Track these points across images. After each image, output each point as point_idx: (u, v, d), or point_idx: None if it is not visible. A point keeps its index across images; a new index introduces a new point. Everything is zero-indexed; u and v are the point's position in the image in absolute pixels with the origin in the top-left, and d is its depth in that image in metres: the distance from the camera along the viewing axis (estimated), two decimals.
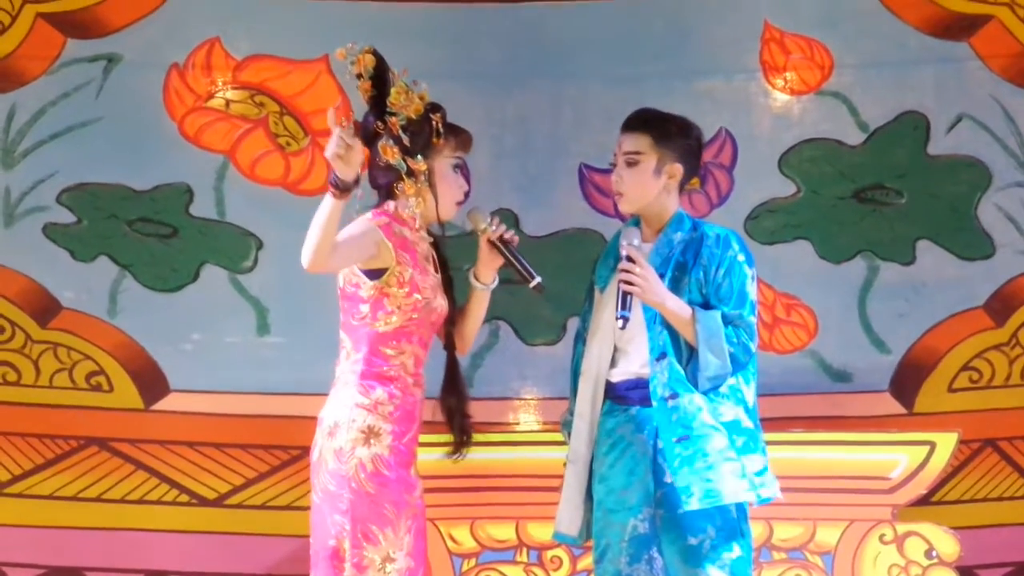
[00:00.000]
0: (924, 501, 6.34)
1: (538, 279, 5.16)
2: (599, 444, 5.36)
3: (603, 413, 5.36)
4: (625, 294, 5.17)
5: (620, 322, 5.18)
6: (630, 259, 5.19)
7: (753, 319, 5.28)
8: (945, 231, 6.85)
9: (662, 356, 5.25)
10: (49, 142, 6.78)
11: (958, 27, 6.86)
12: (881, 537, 6.26)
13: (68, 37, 6.78)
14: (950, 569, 6.27)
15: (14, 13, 6.74)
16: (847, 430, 6.44)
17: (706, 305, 5.27)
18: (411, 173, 5.21)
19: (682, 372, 5.27)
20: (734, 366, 5.23)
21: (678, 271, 5.31)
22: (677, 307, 5.21)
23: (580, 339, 5.46)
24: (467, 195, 5.25)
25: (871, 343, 6.84)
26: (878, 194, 6.86)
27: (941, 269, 6.84)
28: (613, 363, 5.35)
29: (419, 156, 5.20)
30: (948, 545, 6.26)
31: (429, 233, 5.30)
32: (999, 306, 6.84)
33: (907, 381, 6.83)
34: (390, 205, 5.23)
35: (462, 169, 5.27)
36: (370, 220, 5.22)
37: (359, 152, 4.98)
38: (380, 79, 5.19)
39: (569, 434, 5.44)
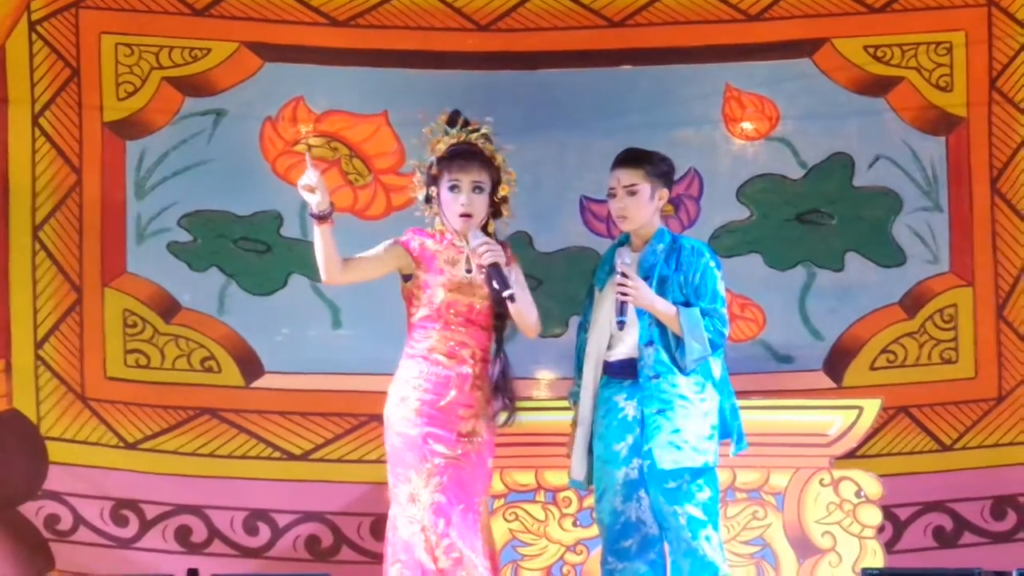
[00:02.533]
0: (853, 453, 6.25)
1: (509, 291, 5.01)
2: (598, 410, 5.30)
3: (601, 386, 5.28)
4: (622, 303, 5.10)
5: (618, 325, 5.12)
6: (624, 275, 5.12)
7: (724, 310, 5.25)
8: (867, 245, 6.73)
9: (649, 343, 5.20)
10: (171, 178, 6.67)
11: (877, 86, 6.77)
12: (821, 481, 6.18)
13: (186, 96, 6.71)
14: (875, 505, 6.18)
15: (144, 77, 6.65)
16: (793, 398, 6.36)
17: (687, 302, 5.20)
18: (428, 199, 5.14)
19: (665, 357, 5.21)
20: (712, 348, 5.18)
21: (663, 274, 5.24)
22: (664, 307, 5.16)
23: (582, 329, 5.39)
24: (467, 214, 5.08)
25: (809, 333, 6.73)
26: (814, 217, 6.77)
27: (864, 275, 6.73)
28: (610, 347, 5.26)
29: (432, 186, 5.13)
30: (873, 487, 6.18)
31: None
32: (910, 303, 6.74)
33: (837, 362, 6.71)
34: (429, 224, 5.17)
35: (461, 189, 5.10)
36: (396, 238, 5.16)
37: (322, 189, 4.91)
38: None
39: (575, 403, 5.37)
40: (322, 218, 4.95)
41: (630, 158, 5.31)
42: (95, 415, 6.55)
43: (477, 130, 5.20)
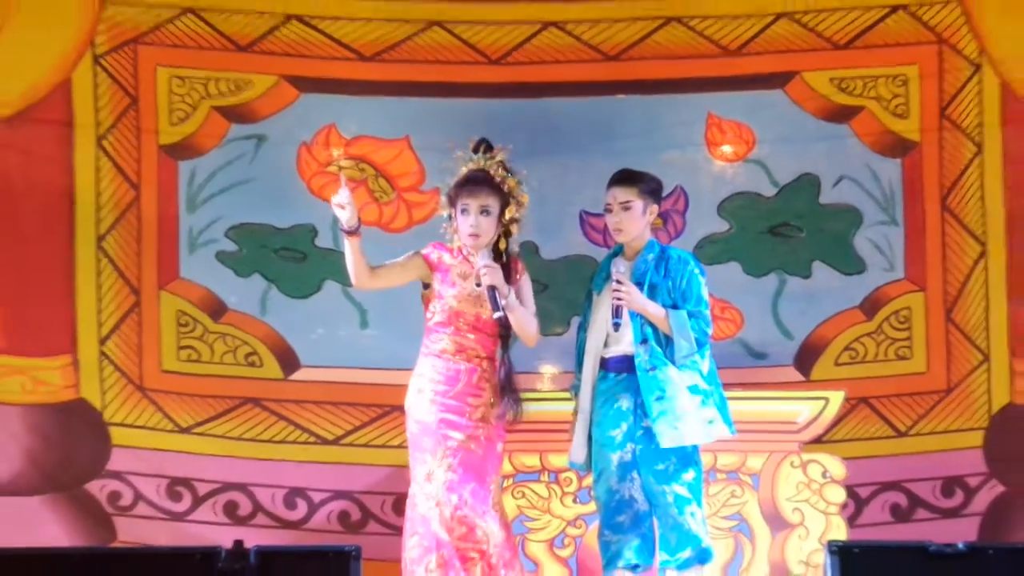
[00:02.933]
0: (820, 439, 6.41)
1: (498, 313, 5.21)
2: (595, 400, 5.46)
3: (599, 380, 5.45)
4: (617, 306, 5.28)
5: (614, 326, 5.31)
6: (619, 282, 5.30)
7: (708, 312, 5.39)
8: (832, 255, 6.78)
9: (644, 341, 5.36)
10: (218, 195, 6.73)
11: (841, 115, 6.79)
12: (791, 463, 6.31)
13: (231, 122, 6.73)
14: (839, 485, 6.32)
15: (194, 106, 6.71)
16: (766, 389, 6.47)
17: (675, 306, 5.36)
18: (449, 218, 5.39)
19: (660, 351, 5.35)
20: (698, 346, 5.35)
21: (653, 281, 5.41)
22: (654, 310, 5.34)
23: (582, 328, 5.57)
24: (475, 234, 5.27)
25: (780, 333, 6.77)
26: (785, 230, 6.80)
27: (829, 281, 6.77)
28: (606, 345, 5.44)
29: (452, 207, 5.35)
30: (837, 469, 6.33)
31: (504, 257, 5.37)
32: (869, 306, 6.77)
33: (805, 358, 6.75)
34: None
35: (470, 212, 5.29)
36: (418, 250, 5.38)
37: (352, 207, 5.13)
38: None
39: (575, 395, 5.54)
40: (351, 232, 5.21)
41: (624, 177, 5.50)
42: (152, 403, 6.63)
43: (494, 157, 5.40)
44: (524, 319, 5.33)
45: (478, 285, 5.30)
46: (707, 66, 6.79)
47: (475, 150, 5.42)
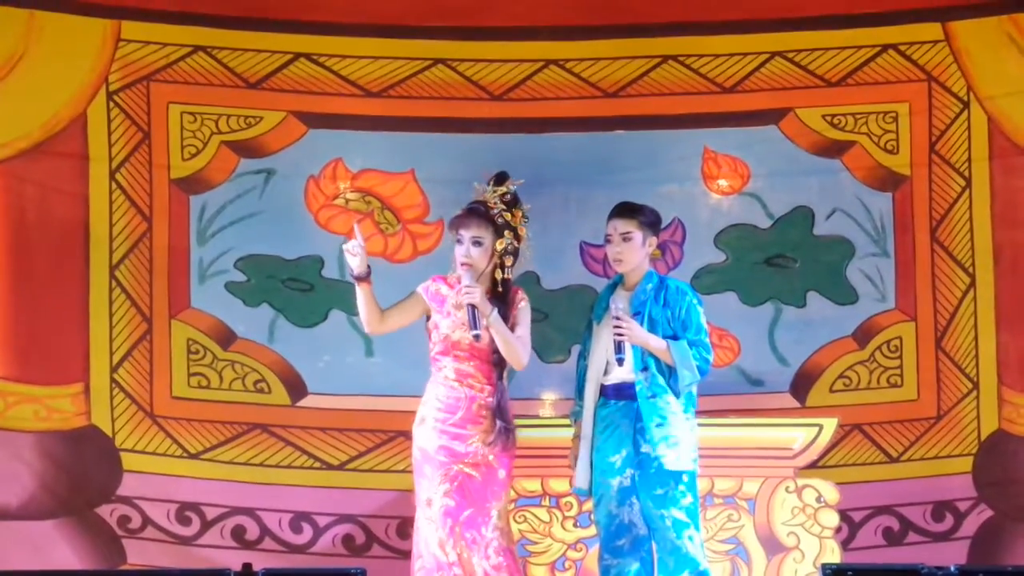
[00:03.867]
0: (815, 464, 6.38)
1: (474, 331, 5.19)
2: (596, 426, 5.45)
3: (599, 407, 5.45)
4: (619, 342, 5.30)
5: (618, 362, 5.33)
6: (619, 318, 5.31)
7: (707, 340, 5.41)
8: (825, 285, 6.78)
9: (644, 368, 5.38)
10: (228, 227, 6.73)
11: (833, 149, 6.81)
12: (786, 488, 6.29)
13: (241, 157, 6.73)
14: (832, 510, 6.30)
15: (205, 141, 6.72)
16: (762, 417, 6.48)
17: (675, 335, 5.38)
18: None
19: (661, 380, 5.37)
20: (700, 374, 5.37)
21: (652, 311, 5.42)
22: (656, 343, 5.36)
23: (582, 357, 5.57)
24: (466, 264, 5.27)
25: (776, 360, 6.77)
26: (781, 261, 6.80)
27: (823, 311, 6.77)
28: (606, 373, 5.45)
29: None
30: (831, 494, 6.31)
31: (503, 286, 5.37)
32: (861, 335, 6.77)
33: (800, 386, 6.76)
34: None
35: (463, 243, 5.31)
36: (418, 287, 5.39)
37: (362, 255, 5.17)
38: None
39: (576, 421, 5.54)
40: (360, 279, 5.23)
41: (625, 210, 5.51)
42: (162, 430, 6.61)
43: (497, 191, 5.40)
44: (508, 339, 5.31)
45: (460, 308, 5.31)
46: (703, 102, 6.80)
47: (490, 181, 5.46)
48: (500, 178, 5.44)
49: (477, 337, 5.23)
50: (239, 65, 6.76)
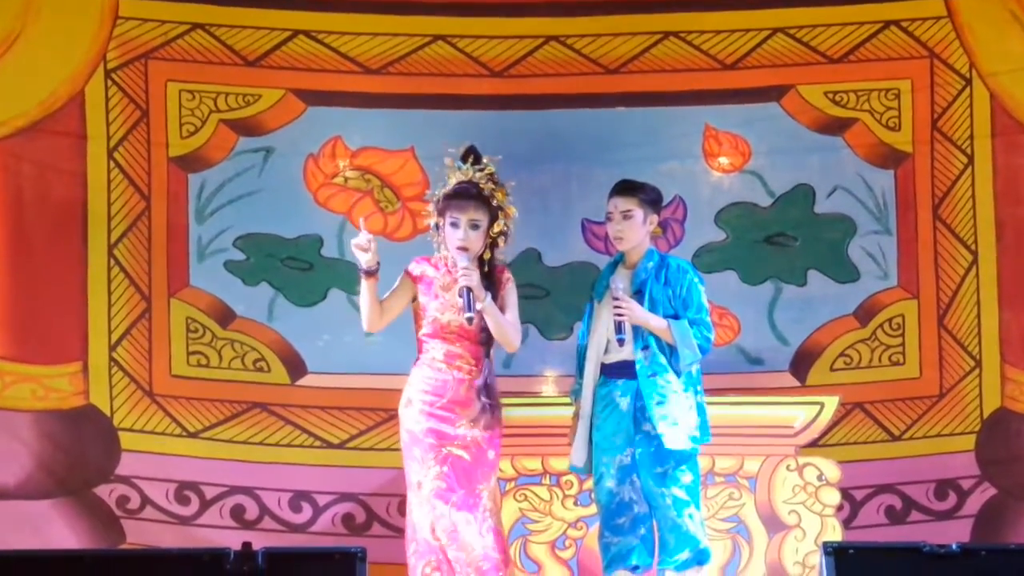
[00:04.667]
0: (816, 443, 6.36)
1: (468, 314, 5.18)
2: (596, 404, 5.46)
3: (599, 385, 5.45)
4: (619, 322, 5.31)
5: (619, 342, 5.35)
6: (618, 299, 5.32)
7: (709, 319, 5.41)
8: (826, 264, 6.76)
9: (645, 347, 5.37)
10: (227, 206, 6.71)
11: (835, 126, 6.79)
12: (787, 466, 6.26)
13: (239, 135, 6.71)
14: (834, 488, 6.28)
15: (204, 119, 6.70)
16: (763, 395, 6.47)
17: (676, 314, 5.37)
18: (436, 228, 5.36)
19: (662, 359, 5.37)
20: (702, 352, 5.37)
21: (653, 290, 5.43)
22: (656, 323, 5.36)
23: (583, 336, 5.56)
24: (463, 247, 5.24)
25: (776, 339, 6.75)
26: (781, 239, 6.78)
27: (824, 289, 6.75)
28: (607, 351, 5.44)
29: (440, 218, 5.32)
30: (832, 472, 6.29)
31: (489, 267, 5.33)
32: (863, 314, 6.76)
33: (801, 364, 6.74)
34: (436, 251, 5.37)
35: (459, 226, 5.26)
36: (404, 270, 5.36)
37: (373, 249, 5.14)
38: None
39: (576, 399, 5.54)
40: (370, 274, 5.20)
41: (626, 187, 5.51)
42: (161, 408, 6.60)
43: (483, 169, 5.35)
44: (501, 323, 5.31)
45: (461, 296, 5.25)
46: (704, 79, 6.79)
47: (463, 159, 5.39)
48: (473, 155, 5.38)
49: (470, 320, 5.21)
50: (237, 43, 6.74)
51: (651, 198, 5.52)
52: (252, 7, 6.72)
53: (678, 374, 5.38)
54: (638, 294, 5.43)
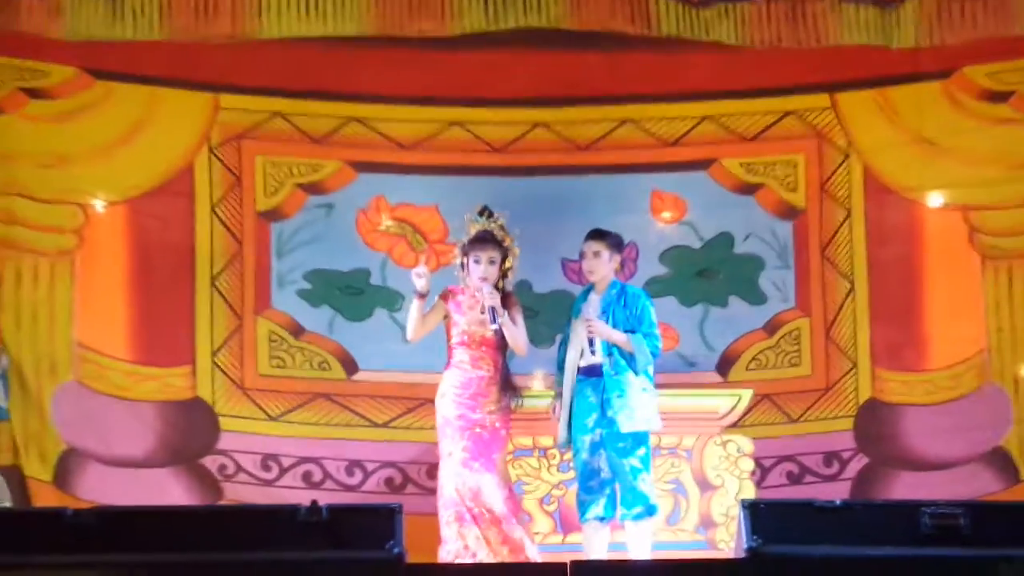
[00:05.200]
0: (735, 425, 6.37)
1: (494, 325, 5.22)
2: (574, 397, 5.49)
3: (576, 382, 5.49)
4: (591, 338, 5.34)
5: (591, 352, 5.36)
6: (589, 320, 5.36)
7: (658, 332, 5.44)
8: (743, 291, 6.68)
9: (609, 355, 5.41)
10: (299, 248, 6.63)
11: (749, 189, 6.71)
12: (715, 442, 6.28)
13: (308, 195, 6.63)
14: (749, 458, 6.30)
15: (282, 183, 6.65)
16: (696, 388, 6.47)
17: (632, 329, 5.40)
18: (462, 266, 5.40)
19: (621, 363, 5.38)
20: (653, 357, 5.40)
21: (615, 312, 5.44)
22: (619, 337, 5.39)
23: (563, 345, 5.60)
24: (484, 278, 5.27)
25: (706, 347, 6.64)
26: (709, 273, 6.70)
27: (741, 310, 6.66)
28: (582, 357, 5.48)
29: (464, 257, 5.37)
30: (748, 446, 6.31)
31: (501, 291, 5.38)
32: (770, 328, 6.66)
33: (724, 366, 6.64)
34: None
35: (481, 262, 5.31)
36: (439, 295, 5.41)
37: (427, 278, 5.21)
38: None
39: (558, 393, 5.56)
40: (421, 296, 5.27)
41: (596, 234, 5.55)
42: (250, 399, 6.54)
43: (496, 221, 5.46)
44: (515, 334, 5.38)
45: (482, 313, 5.31)
46: (652, 154, 6.76)
47: (480, 213, 5.48)
48: (486, 211, 5.45)
49: (496, 331, 5.26)
50: (307, 126, 6.72)
51: (615, 243, 5.55)
52: (318, 100, 6.71)
53: (636, 374, 5.38)
54: (604, 314, 5.45)
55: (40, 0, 6.22)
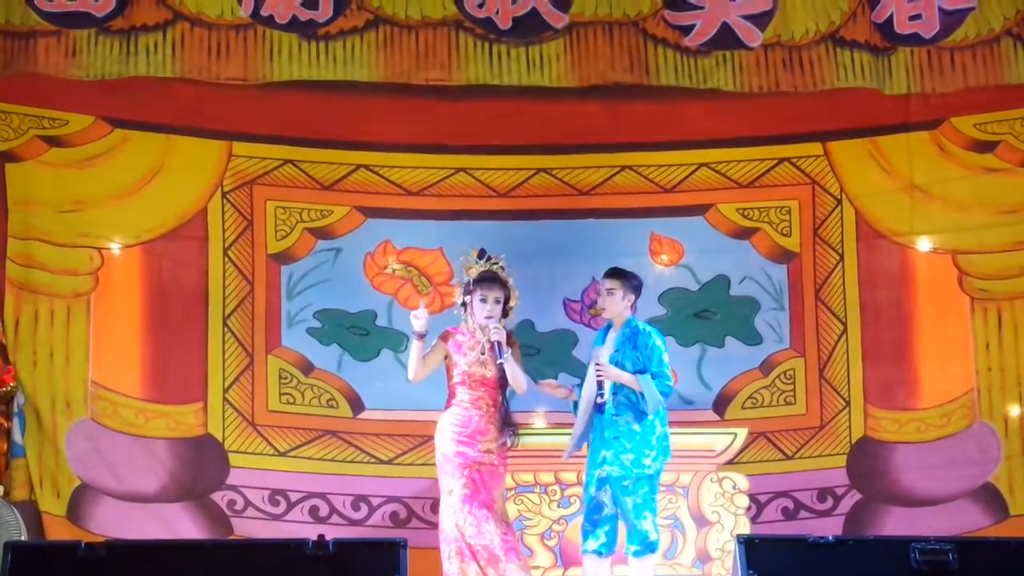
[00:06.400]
0: (731, 461, 6.38)
1: (500, 360, 5.24)
2: (591, 431, 5.44)
3: (592, 417, 5.43)
4: (599, 381, 5.33)
5: (599, 396, 5.35)
6: (598, 364, 5.34)
7: (668, 371, 5.40)
8: (739, 332, 6.72)
9: (615, 394, 5.38)
10: (309, 289, 6.67)
11: (745, 233, 6.77)
12: (711, 479, 6.29)
13: (317, 239, 6.68)
14: (744, 494, 6.31)
15: (292, 227, 6.69)
16: (693, 427, 6.45)
17: (644, 368, 5.37)
18: (464, 305, 5.41)
19: (624, 401, 5.35)
20: (664, 396, 5.35)
21: (627, 351, 5.41)
22: (628, 379, 5.37)
23: (578, 386, 5.58)
24: (490, 316, 5.29)
25: (702, 386, 6.68)
26: (706, 314, 6.72)
27: (737, 350, 6.70)
28: (600, 393, 5.43)
29: (467, 296, 5.36)
30: (743, 483, 6.33)
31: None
32: (765, 368, 6.71)
33: (720, 404, 6.67)
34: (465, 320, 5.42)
35: (487, 302, 5.32)
36: (440, 336, 5.39)
37: (425, 319, 5.20)
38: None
39: (575, 411, 5.55)
40: (420, 336, 5.28)
41: (614, 272, 5.55)
42: (260, 435, 6.54)
43: (497, 263, 5.50)
44: (515, 372, 5.40)
45: (482, 354, 5.33)
46: (650, 199, 6.80)
47: (479, 257, 5.51)
48: (485, 254, 5.49)
49: (502, 365, 5.28)
50: (316, 173, 6.77)
51: (632, 283, 5.53)
52: (327, 148, 6.74)
53: (646, 415, 5.34)
54: (617, 352, 5.43)
55: (57, 42, 6.26)
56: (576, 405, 5.56)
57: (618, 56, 6.47)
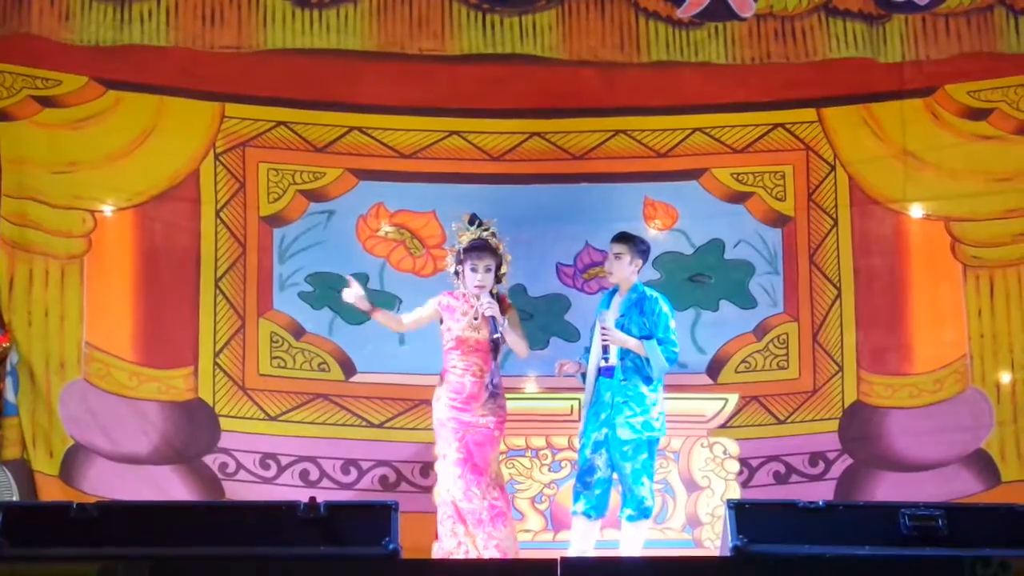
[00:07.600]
0: (723, 426, 6.38)
1: (496, 335, 5.24)
2: (594, 393, 5.45)
3: (596, 381, 5.43)
4: (605, 345, 5.31)
5: (604, 360, 5.33)
6: (604, 328, 5.32)
7: (674, 337, 5.37)
8: (733, 295, 6.68)
9: (622, 358, 5.36)
10: (301, 252, 6.62)
11: (739, 198, 6.72)
12: (701, 444, 6.29)
13: (310, 201, 6.62)
14: (735, 459, 6.31)
15: (284, 189, 6.63)
16: (686, 391, 6.42)
17: (651, 334, 5.35)
18: (456, 273, 5.38)
19: (631, 366, 5.34)
20: (669, 363, 5.35)
21: (633, 316, 5.39)
22: (634, 343, 5.36)
23: (586, 351, 5.56)
24: (481, 285, 5.27)
25: (696, 350, 6.63)
26: (700, 278, 6.68)
27: (731, 314, 6.66)
28: (604, 358, 5.42)
29: (459, 265, 5.33)
30: (734, 448, 6.33)
31: (496, 297, 5.36)
32: (759, 331, 6.67)
33: (714, 368, 6.64)
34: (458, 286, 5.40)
35: (478, 270, 5.30)
36: (435, 298, 5.42)
37: (358, 302, 5.20)
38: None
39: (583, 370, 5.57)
40: (369, 313, 5.31)
41: (621, 236, 5.50)
42: (251, 399, 6.52)
43: (488, 229, 5.46)
44: (517, 339, 5.40)
45: (475, 319, 5.32)
46: (644, 164, 6.75)
47: (470, 222, 5.46)
48: (476, 219, 5.44)
49: (497, 340, 5.26)
50: (309, 135, 6.71)
51: (640, 248, 5.50)
52: (320, 111, 6.65)
53: (650, 380, 5.33)
54: (623, 317, 5.40)
55: (51, 4, 6.20)
56: (584, 377, 5.54)
57: (609, 31, 6.41)
